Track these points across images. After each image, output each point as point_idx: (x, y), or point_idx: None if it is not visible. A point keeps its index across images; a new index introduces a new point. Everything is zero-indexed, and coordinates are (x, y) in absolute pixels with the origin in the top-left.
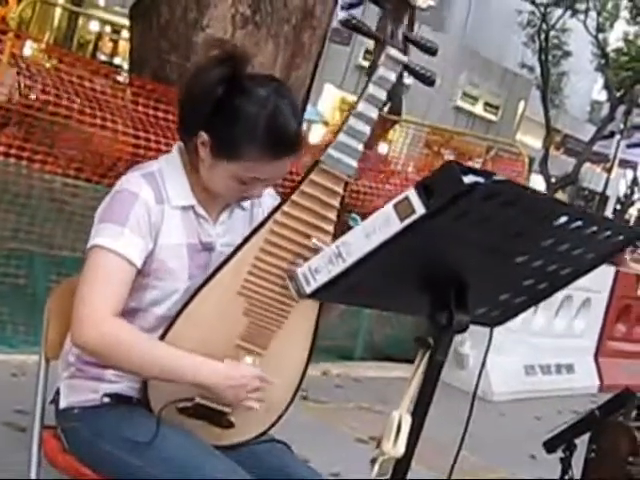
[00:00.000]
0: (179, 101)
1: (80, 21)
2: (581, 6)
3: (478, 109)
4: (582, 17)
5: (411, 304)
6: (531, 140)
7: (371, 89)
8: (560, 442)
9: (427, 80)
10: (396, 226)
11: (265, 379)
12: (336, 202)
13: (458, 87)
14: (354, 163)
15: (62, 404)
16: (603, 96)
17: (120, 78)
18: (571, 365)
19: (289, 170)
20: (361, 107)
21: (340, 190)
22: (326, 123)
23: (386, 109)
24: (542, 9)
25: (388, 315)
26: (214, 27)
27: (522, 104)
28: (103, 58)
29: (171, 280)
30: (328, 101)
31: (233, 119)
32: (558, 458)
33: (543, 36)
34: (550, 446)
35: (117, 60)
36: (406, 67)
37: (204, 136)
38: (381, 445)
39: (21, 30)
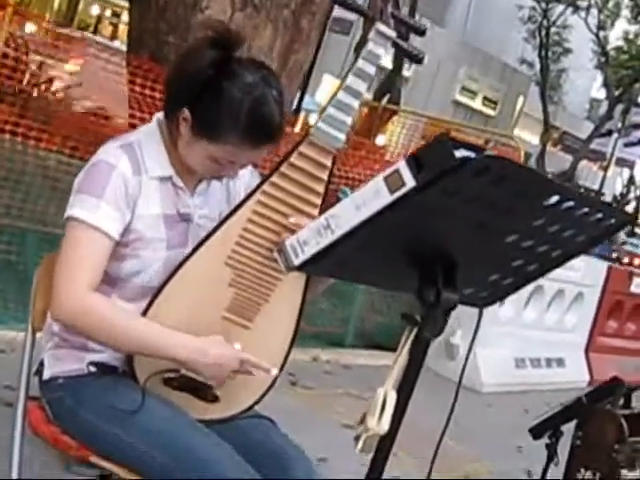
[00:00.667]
0: (167, 76)
1: (81, 4)
2: (582, 3)
3: (477, 103)
4: (583, 14)
5: (400, 280)
6: (529, 136)
7: (360, 63)
8: (547, 428)
9: (415, 58)
10: (386, 198)
11: (248, 361)
12: (324, 175)
13: (457, 81)
14: (342, 136)
15: (46, 375)
16: (602, 94)
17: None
18: (561, 359)
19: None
20: (350, 81)
21: (328, 163)
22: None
23: (384, 100)
24: (543, 5)
25: (379, 303)
26: (213, 9)
27: (521, 100)
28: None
29: (150, 250)
30: (326, 91)
31: (217, 101)
32: (544, 449)
33: (544, 32)
34: (537, 432)
35: (116, 43)
36: (395, 44)
37: (186, 112)
38: (365, 421)
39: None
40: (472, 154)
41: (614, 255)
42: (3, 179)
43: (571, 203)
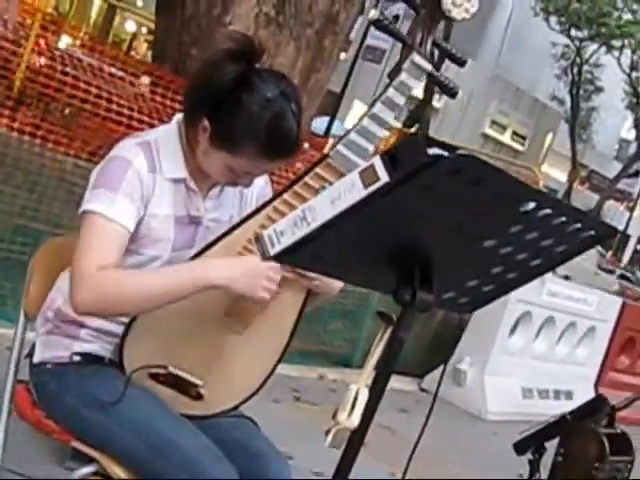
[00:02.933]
0: (188, 85)
1: (117, 20)
2: (616, 43)
3: (506, 138)
4: (616, 54)
5: (376, 279)
6: (557, 173)
7: (390, 93)
8: (530, 444)
9: (450, 92)
10: (360, 193)
11: (276, 269)
12: None
13: (487, 114)
14: (361, 162)
15: (35, 359)
16: (632, 135)
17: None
18: (570, 392)
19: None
20: (377, 109)
21: None
22: None
23: (413, 130)
24: (577, 43)
25: None
26: (237, 24)
27: (550, 136)
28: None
29: (155, 249)
30: (356, 118)
31: (236, 114)
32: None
33: (576, 70)
34: (520, 447)
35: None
36: (430, 75)
37: (205, 122)
38: (336, 416)
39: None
40: (445, 153)
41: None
42: (20, 181)
43: (548, 210)
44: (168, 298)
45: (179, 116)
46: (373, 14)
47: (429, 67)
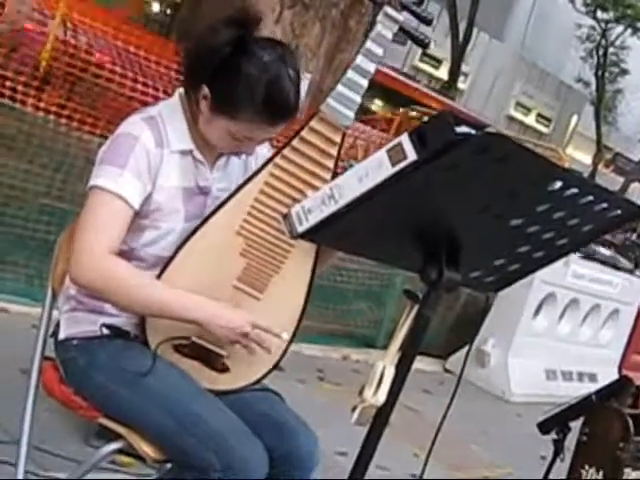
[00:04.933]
0: (187, 54)
1: None
2: None
3: (530, 120)
4: None
5: (403, 257)
6: (581, 155)
7: (369, 44)
8: (554, 424)
9: (421, 43)
10: (388, 171)
11: (258, 326)
12: (334, 151)
13: (512, 96)
14: (351, 113)
15: (61, 335)
16: None
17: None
18: (594, 374)
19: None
20: (359, 61)
21: (338, 139)
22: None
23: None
24: (603, 25)
25: None
26: (262, 4)
27: (575, 118)
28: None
29: (168, 221)
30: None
31: (235, 79)
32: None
33: (602, 52)
34: (545, 427)
35: None
36: (401, 28)
37: (206, 90)
38: (362, 393)
39: None
40: (474, 131)
41: None
42: (46, 160)
43: (575, 190)
44: (155, 314)
45: (181, 90)
46: None
47: (400, 18)
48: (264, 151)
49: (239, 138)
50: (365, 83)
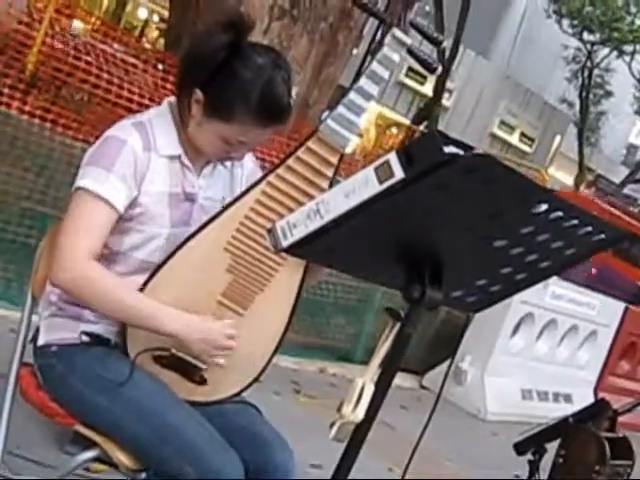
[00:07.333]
0: (181, 59)
1: (129, 6)
2: (628, 48)
3: (514, 139)
4: (627, 59)
5: (386, 274)
6: (563, 176)
7: (374, 66)
8: (531, 444)
9: (429, 67)
10: (374, 188)
11: (234, 337)
12: (330, 172)
13: (496, 115)
14: (350, 135)
15: (40, 341)
16: None
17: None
18: (569, 395)
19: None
20: (362, 82)
21: (335, 161)
22: (360, 135)
23: (422, 127)
24: (589, 46)
25: None
26: (251, 15)
27: (558, 139)
28: (147, 46)
29: (153, 226)
30: (366, 114)
31: (229, 82)
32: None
33: (586, 73)
34: (521, 447)
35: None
36: (410, 51)
37: (199, 94)
38: (341, 409)
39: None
40: (461, 152)
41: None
42: (29, 164)
43: (560, 213)
44: (130, 323)
45: (170, 99)
46: None
47: (409, 41)
48: (249, 163)
49: (231, 142)
50: (367, 105)
